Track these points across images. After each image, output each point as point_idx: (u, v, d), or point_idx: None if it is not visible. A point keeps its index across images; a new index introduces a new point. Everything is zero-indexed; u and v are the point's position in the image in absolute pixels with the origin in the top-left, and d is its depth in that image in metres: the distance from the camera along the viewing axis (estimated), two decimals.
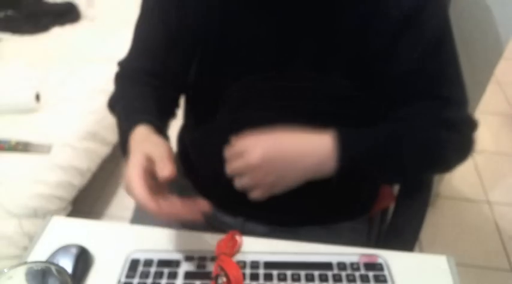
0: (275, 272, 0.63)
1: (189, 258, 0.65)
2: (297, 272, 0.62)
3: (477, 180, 1.84)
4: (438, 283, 0.62)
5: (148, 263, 0.64)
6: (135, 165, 0.55)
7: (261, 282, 0.62)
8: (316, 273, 0.62)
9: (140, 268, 0.63)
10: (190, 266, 0.64)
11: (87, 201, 1.67)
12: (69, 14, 1.92)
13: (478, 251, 1.56)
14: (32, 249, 0.67)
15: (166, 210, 0.54)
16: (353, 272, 0.63)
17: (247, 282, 0.61)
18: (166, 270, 0.63)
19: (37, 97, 1.43)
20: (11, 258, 1.14)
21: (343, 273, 0.62)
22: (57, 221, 0.72)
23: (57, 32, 1.87)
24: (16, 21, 1.88)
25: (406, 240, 0.76)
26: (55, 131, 1.37)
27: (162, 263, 0.64)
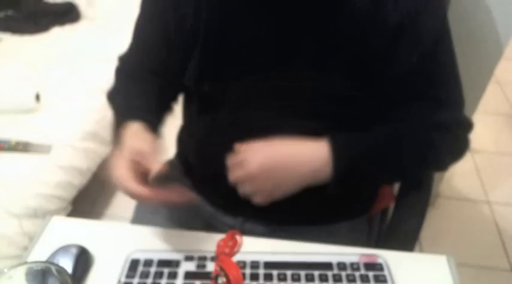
0: (275, 272, 0.63)
1: (189, 258, 0.65)
2: (297, 272, 0.62)
3: (477, 180, 1.84)
4: (438, 283, 0.62)
5: (148, 263, 0.64)
6: (122, 156, 0.60)
7: (261, 282, 0.62)
8: (316, 273, 0.62)
9: (140, 268, 0.63)
10: (190, 266, 0.64)
11: (87, 201, 1.67)
12: (69, 14, 1.92)
13: (478, 251, 1.56)
14: (32, 249, 0.67)
15: (149, 194, 0.57)
16: (353, 272, 0.63)
17: (247, 282, 0.61)
18: (166, 270, 0.63)
19: (37, 97, 1.43)
20: (11, 258, 1.14)
21: (343, 273, 0.62)
22: (57, 221, 0.72)
23: (57, 32, 1.87)
24: (16, 21, 1.88)
25: (406, 240, 0.76)
26: (55, 131, 1.37)
27: (162, 263, 0.64)
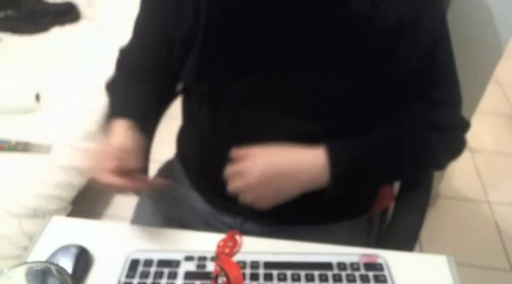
0: (275, 272, 0.63)
1: (189, 258, 0.65)
2: (297, 272, 0.62)
3: (477, 180, 1.84)
4: (438, 283, 0.62)
5: (148, 263, 0.64)
6: (103, 149, 0.65)
7: (261, 282, 0.62)
8: (316, 273, 0.62)
9: (140, 268, 0.63)
10: (190, 266, 0.64)
11: (87, 201, 1.67)
12: (69, 14, 1.92)
13: (478, 251, 1.56)
14: (32, 249, 0.67)
15: (121, 183, 0.61)
16: (353, 272, 0.63)
17: (247, 282, 0.61)
18: (166, 270, 0.63)
19: (37, 97, 1.43)
20: (11, 258, 1.13)
21: (343, 273, 0.62)
22: (57, 221, 0.72)
23: (57, 32, 1.87)
24: (16, 21, 1.88)
25: (406, 240, 0.76)
26: (55, 131, 1.37)
27: (162, 263, 0.64)
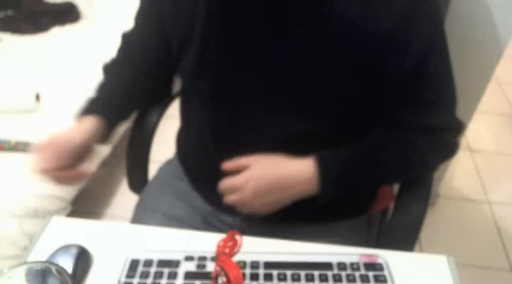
0: (275, 272, 0.63)
1: (189, 258, 0.65)
2: (297, 272, 0.62)
3: (477, 180, 1.84)
4: (438, 283, 0.62)
5: (148, 263, 0.64)
6: (51, 141, 0.76)
7: (261, 282, 0.62)
8: (316, 273, 0.62)
9: (140, 268, 0.63)
10: (190, 266, 0.64)
11: (87, 201, 1.67)
12: (69, 14, 1.92)
13: (478, 251, 1.56)
14: (32, 249, 0.67)
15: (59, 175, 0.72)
16: (353, 272, 0.63)
17: (247, 282, 0.61)
18: (166, 270, 0.63)
19: (37, 97, 1.43)
20: (11, 258, 1.13)
21: (343, 273, 0.62)
22: (57, 221, 0.72)
23: (57, 32, 1.87)
24: (16, 21, 1.88)
25: (406, 239, 0.76)
26: (55, 131, 1.37)
27: (162, 263, 0.64)
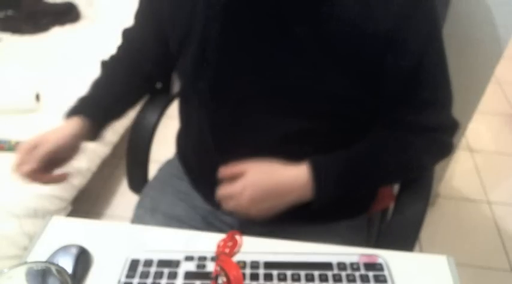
0: (275, 272, 0.63)
1: (189, 258, 0.65)
2: (297, 272, 0.62)
3: (477, 180, 1.84)
4: (438, 283, 0.62)
5: (148, 263, 0.64)
6: (32, 141, 0.76)
7: (261, 282, 0.62)
8: (316, 273, 0.62)
9: (140, 268, 0.63)
10: (190, 266, 0.64)
11: (87, 201, 1.67)
12: (69, 14, 1.92)
13: (478, 251, 1.56)
14: (32, 249, 0.67)
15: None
16: (353, 272, 0.63)
17: (247, 282, 0.61)
18: (166, 270, 0.63)
19: (37, 97, 1.43)
20: (11, 258, 1.13)
21: (343, 273, 0.62)
22: (57, 221, 0.72)
23: (57, 32, 1.87)
24: (16, 21, 1.88)
25: (406, 239, 0.76)
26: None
27: (162, 263, 0.64)
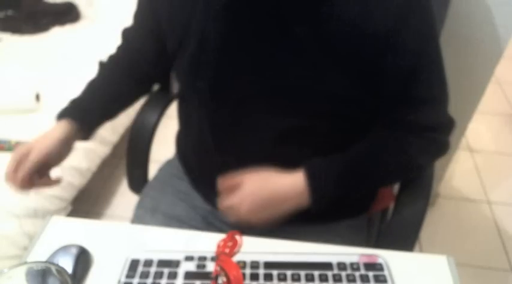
0: (275, 272, 0.63)
1: (189, 258, 0.65)
2: (297, 272, 0.63)
3: (477, 180, 1.84)
4: (438, 283, 0.62)
5: (148, 263, 0.64)
6: (22, 148, 0.77)
7: (261, 282, 0.62)
8: (316, 273, 0.62)
9: (140, 268, 0.63)
10: (190, 266, 0.64)
11: (87, 201, 1.67)
12: (69, 14, 1.92)
13: (478, 251, 1.56)
14: (32, 249, 0.67)
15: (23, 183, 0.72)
16: (353, 272, 0.63)
17: (247, 282, 0.61)
18: (166, 270, 0.63)
19: (37, 97, 1.43)
20: (11, 258, 1.14)
21: (343, 273, 0.62)
22: (57, 221, 0.72)
23: (57, 32, 1.87)
24: (16, 21, 1.88)
25: (406, 238, 0.76)
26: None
27: (162, 263, 0.64)
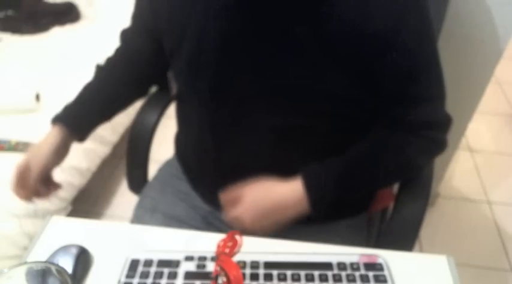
0: (275, 272, 0.63)
1: (189, 258, 0.65)
2: (297, 272, 0.63)
3: (477, 180, 1.84)
4: (438, 283, 0.62)
5: (148, 263, 0.64)
6: (24, 159, 0.79)
7: (261, 282, 0.62)
8: (316, 273, 0.62)
9: (140, 268, 0.63)
10: (190, 266, 0.64)
11: (87, 201, 1.67)
12: (69, 14, 1.92)
13: (478, 251, 1.56)
14: (32, 249, 0.67)
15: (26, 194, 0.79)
16: (353, 272, 0.63)
17: (247, 282, 0.61)
18: (166, 270, 0.63)
19: (37, 97, 1.43)
20: (11, 258, 1.13)
21: (343, 273, 0.62)
22: (57, 221, 0.72)
23: (57, 32, 1.87)
24: (16, 21, 1.87)
25: (406, 237, 0.76)
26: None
27: (162, 263, 0.64)
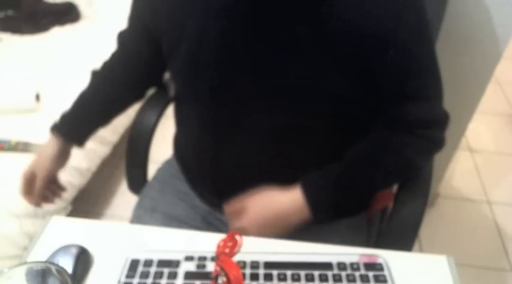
0: (275, 272, 0.63)
1: (189, 258, 0.65)
2: (297, 272, 0.62)
3: (477, 180, 1.84)
4: (438, 283, 0.62)
5: (148, 263, 0.64)
6: (28, 167, 0.86)
7: (261, 282, 0.62)
8: (316, 273, 0.62)
9: (140, 268, 0.63)
10: (190, 266, 0.64)
11: (87, 201, 1.67)
12: (69, 14, 1.92)
13: (478, 251, 1.56)
14: (32, 249, 0.67)
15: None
16: (353, 272, 0.63)
17: (247, 282, 0.61)
18: (166, 270, 0.63)
19: (37, 97, 1.43)
20: (11, 258, 1.14)
21: (343, 273, 0.62)
22: (57, 221, 0.72)
23: (57, 32, 1.87)
24: (16, 21, 1.88)
25: (406, 236, 0.76)
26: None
27: (162, 263, 0.64)
